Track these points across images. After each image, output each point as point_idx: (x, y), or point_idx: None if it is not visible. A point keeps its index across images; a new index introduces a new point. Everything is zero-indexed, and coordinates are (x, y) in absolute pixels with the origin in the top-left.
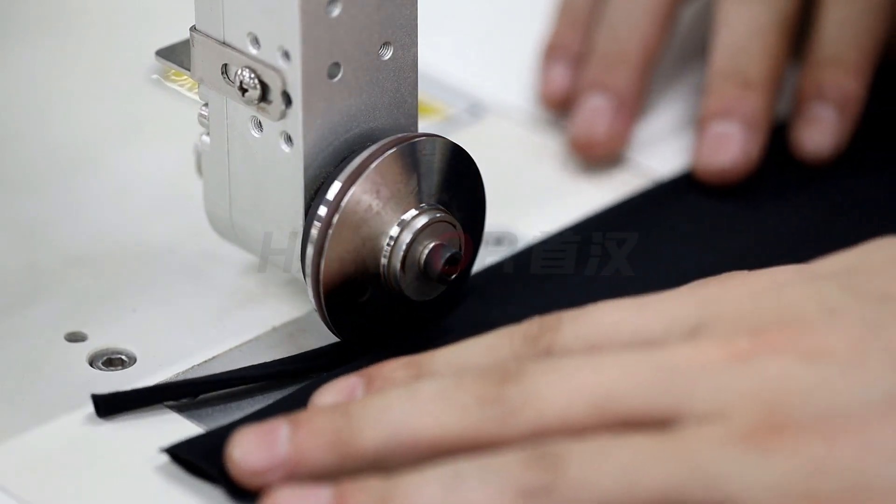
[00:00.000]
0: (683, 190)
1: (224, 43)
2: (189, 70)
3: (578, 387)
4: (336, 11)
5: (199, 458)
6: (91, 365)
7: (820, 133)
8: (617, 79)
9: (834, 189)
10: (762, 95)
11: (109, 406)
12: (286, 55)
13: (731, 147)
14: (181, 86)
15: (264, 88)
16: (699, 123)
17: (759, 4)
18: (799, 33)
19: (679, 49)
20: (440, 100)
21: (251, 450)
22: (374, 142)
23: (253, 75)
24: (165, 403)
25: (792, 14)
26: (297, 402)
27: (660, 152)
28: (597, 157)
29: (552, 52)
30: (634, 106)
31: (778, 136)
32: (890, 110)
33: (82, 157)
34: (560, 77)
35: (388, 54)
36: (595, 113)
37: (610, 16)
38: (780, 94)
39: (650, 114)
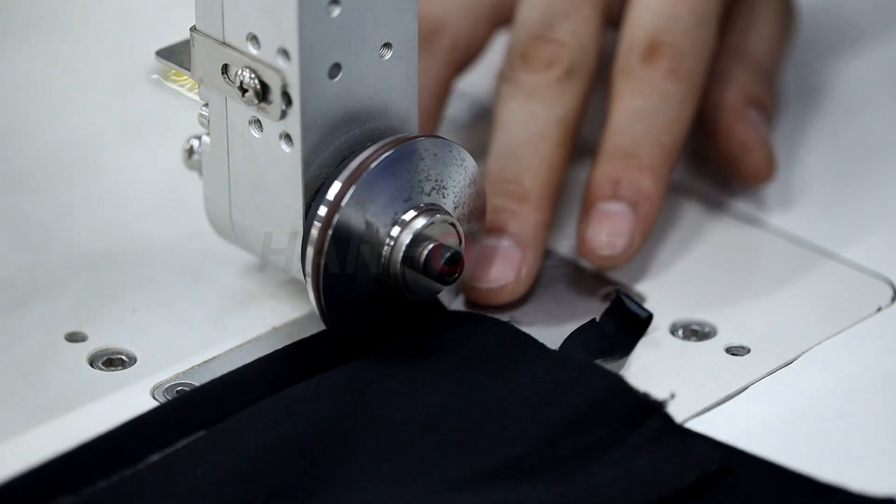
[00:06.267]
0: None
1: (224, 43)
2: (189, 70)
3: None
4: (336, 11)
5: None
6: (91, 365)
7: (612, 233)
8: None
9: None
10: (537, 209)
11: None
12: (286, 55)
13: (500, 266)
14: (181, 86)
15: (264, 88)
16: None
17: (538, 103)
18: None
19: None
20: None
21: None
22: (374, 142)
23: (253, 75)
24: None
25: (574, 109)
26: (294, 401)
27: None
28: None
29: None
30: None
31: None
32: None
33: (82, 157)
34: None
35: (388, 54)
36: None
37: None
38: (556, 202)
39: None
